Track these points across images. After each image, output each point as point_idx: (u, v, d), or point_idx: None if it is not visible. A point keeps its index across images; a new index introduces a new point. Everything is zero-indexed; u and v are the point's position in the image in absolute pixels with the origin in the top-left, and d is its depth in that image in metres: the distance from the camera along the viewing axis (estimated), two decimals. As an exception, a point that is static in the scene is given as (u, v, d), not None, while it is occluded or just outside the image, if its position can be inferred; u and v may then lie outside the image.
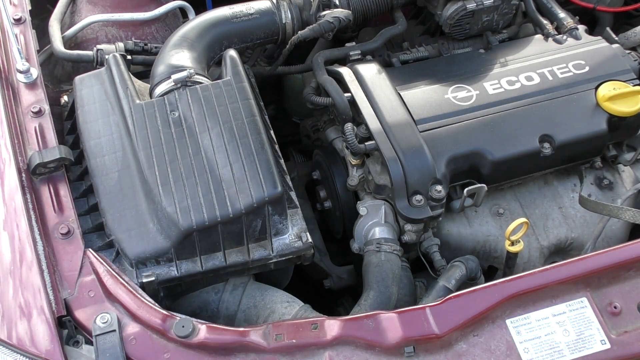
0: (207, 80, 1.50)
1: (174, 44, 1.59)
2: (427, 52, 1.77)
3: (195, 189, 1.31)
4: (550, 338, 1.13)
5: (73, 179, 1.45)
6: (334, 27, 1.70)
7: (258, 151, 1.36)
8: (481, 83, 1.60)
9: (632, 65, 1.63)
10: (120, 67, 1.51)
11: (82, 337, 1.16)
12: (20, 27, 1.66)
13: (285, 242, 1.38)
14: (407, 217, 1.43)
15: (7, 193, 1.32)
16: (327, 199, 1.76)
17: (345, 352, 1.11)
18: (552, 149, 1.50)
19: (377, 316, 1.13)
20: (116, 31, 1.84)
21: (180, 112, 1.41)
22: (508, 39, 1.80)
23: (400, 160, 1.43)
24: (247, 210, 1.30)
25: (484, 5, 1.71)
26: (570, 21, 1.78)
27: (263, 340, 1.12)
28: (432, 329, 1.11)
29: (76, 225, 1.30)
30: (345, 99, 1.58)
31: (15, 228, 1.26)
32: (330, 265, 1.80)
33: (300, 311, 1.37)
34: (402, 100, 1.55)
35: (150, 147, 1.37)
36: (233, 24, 1.70)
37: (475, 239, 1.56)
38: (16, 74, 1.53)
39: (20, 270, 1.20)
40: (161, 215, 1.30)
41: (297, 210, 1.42)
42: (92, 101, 1.49)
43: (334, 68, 1.67)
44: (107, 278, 1.20)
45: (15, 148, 1.38)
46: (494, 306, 1.14)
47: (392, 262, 1.41)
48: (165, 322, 1.14)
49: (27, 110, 1.47)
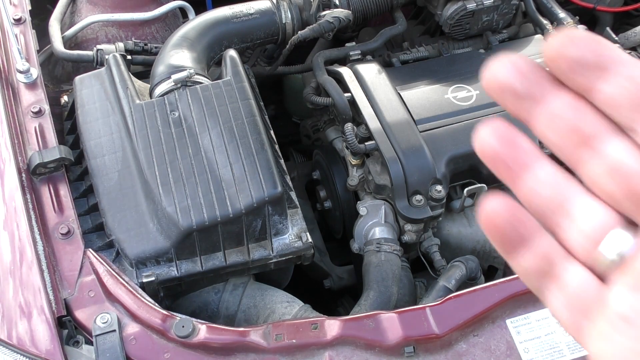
0: (207, 80, 1.50)
1: (174, 44, 1.59)
2: (427, 52, 1.77)
3: (195, 189, 1.31)
4: (550, 338, 1.13)
5: (73, 179, 1.45)
6: (334, 27, 1.70)
7: (258, 151, 1.36)
8: (481, 83, 1.60)
9: (632, 65, 1.63)
10: (120, 67, 1.51)
11: (82, 337, 1.16)
12: (20, 27, 1.66)
13: (285, 242, 1.38)
14: (407, 217, 1.43)
15: (7, 193, 1.32)
16: (327, 199, 1.76)
17: (345, 352, 1.11)
18: (552, 149, 1.50)
19: (377, 316, 1.13)
20: (116, 31, 1.84)
21: (180, 112, 1.41)
22: (508, 39, 1.80)
23: (400, 160, 1.43)
24: (247, 210, 1.30)
25: (484, 5, 1.71)
26: (570, 21, 1.78)
27: (263, 340, 1.12)
28: (432, 329, 1.11)
29: (76, 225, 1.30)
30: (345, 99, 1.58)
31: (15, 228, 1.26)
32: (330, 265, 1.80)
33: (300, 311, 1.37)
34: (402, 100, 1.55)
35: (150, 147, 1.37)
36: (233, 24, 1.70)
37: (475, 239, 1.56)
38: (16, 74, 1.53)
39: (20, 270, 1.20)
40: (161, 215, 1.30)
41: (297, 210, 1.42)
42: (92, 101, 1.49)
43: (334, 68, 1.67)
44: (107, 278, 1.20)
45: (15, 148, 1.38)
46: (494, 306, 1.14)
47: (392, 262, 1.41)
48: (165, 322, 1.14)
49: (27, 110, 1.47)
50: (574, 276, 0.36)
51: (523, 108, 0.36)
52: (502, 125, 0.36)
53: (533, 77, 0.35)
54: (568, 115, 0.35)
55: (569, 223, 0.36)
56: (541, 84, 0.35)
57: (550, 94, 0.35)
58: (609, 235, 0.34)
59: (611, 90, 0.33)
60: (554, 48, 0.34)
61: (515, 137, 0.36)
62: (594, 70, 0.33)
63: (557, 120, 0.35)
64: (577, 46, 0.34)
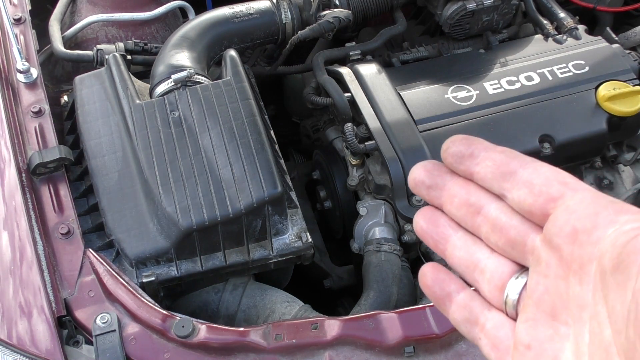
0: (207, 80, 1.50)
1: (174, 44, 1.59)
2: (427, 52, 1.77)
3: (195, 189, 1.31)
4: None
5: (73, 179, 1.45)
6: (334, 27, 1.70)
7: (258, 151, 1.36)
8: (481, 83, 1.60)
9: (632, 65, 1.63)
10: (120, 67, 1.51)
11: (82, 337, 1.16)
12: (20, 27, 1.66)
13: (285, 242, 1.38)
14: (407, 217, 1.43)
15: (7, 193, 1.32)
16: (327, 199, 1.76)
17: (345, 352, 1.11)
18: (552, 149, 1.50)
19: (377, 316, 1.13)
20: (116, 31, 1.84)
21: (180, 112, 1.41)
22: (508, 39, 1.80)
23: (400, 160, 1.43)
24: (247, 210, 1.30)
25: (484, 5, 1.71)
26: (570, 21, 1.78)
27: (263, 340, 1.12)
28: (432, 329, 1.11)
29: (76, 225, 1.30)
30: (345, 99, 1.58)
31: (15, 228, 1.26)
32: (330, 265, 1.80)
33: (300, 311, 1.37)
34: (402, 100, 1.55)
35: (150, 147, 1.37)
36: (233, 24, 1.70)
37: (475, 239, 1.56)
38: (16, 74, 1.53)
39: (21, 270, 1.20)
40: (161, 215, 1.30)
41: (297, 210, 1.42)
42: (92, 101, 1.49)
43: (334, 68, 1.67)
44: (107, 278, 1.20)
45: (15, 148, 1.38)
46: (494, 306, 1.14)
47: (392, 262, 1.41)
48: (165, 322, 1.14)
49: (27, 110, 1.47)
50: (491, 321, 0.44)
51: (433, 196, 0.47)
52: (428, 210, 0.48)
53: (436, 172, 0.47)
54: (461, 194, 0.46)
55: (481, 276, 0.45)
56: (442, 176, 0.47)
57: (448, 182, 0.47)
58: (510, 281, 0.44)
59: (481, 170, 0.44)
60: (450, 152, 0.46)
61: (437, 217, 0.48)
62: (469, 158, 0.45)
63: (454, 199, 0.46)
64: (455, 144, 0.46)
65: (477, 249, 0.46)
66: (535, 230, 0.42)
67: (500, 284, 0.44)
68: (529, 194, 0.42)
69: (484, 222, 0.45)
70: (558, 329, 0.40)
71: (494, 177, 0.44)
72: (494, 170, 0.44)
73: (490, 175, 0.44)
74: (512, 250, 0.43)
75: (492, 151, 0.44)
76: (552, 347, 0.40)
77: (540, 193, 0.41)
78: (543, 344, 0.41)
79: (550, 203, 0.41)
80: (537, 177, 0.42)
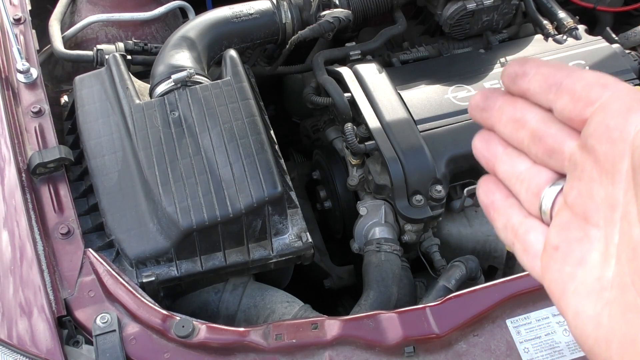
0: (207, 80, 1.50)
1: (174, 44, 1.59)
2: (427, 52, 1.77)
3: (195, 189, 1.31)
4: (550, 338, 1.13)
5: (73, 179, 1.45)
6: (334, 27, 1.70)
7: (258, 151, 1.36)
8: (481, 83, 1.60)
9: (632, 65, 1.63)
10: (120, 67, 1.51)
11: (82, 337, 1.16)
12: (20, 27, 1.66)
13: (285, 242, 1.38)
14: (407, 217, 1.43)
15: (7, 193, 1.32)
16: (327, 199, 1.76)
17: (345, 352, 1.11)
18: (552, 148, 1.50)
19: (377, 316, 1.13)
20: (116, 31, 1.84)
21: (180, 112, 1.41)
22: (508, 39, 1.80)
23: (400, 160, 1.43)
24: (247, 210, 1.30)
25: (484, 5, 1.71)
26: (570, 21, 1.78)
27: (263, 340, 1.12)
28: (432, 329, 1.11)
29: (76, 225, 1.30)
30: (345, 99, 1.58)
31: (15, 228, 1.26)
32: (330, 265, 1.80)
33: (300, 311, 1.37)
34: (402, 100, 1.55)
35: (150, 147, 1.37)
36: (233, 24, 1.70)
37: (475, 239, 1.56)
38: (16, 74, 1.53)
39: (20, 270, 1.20)
40: (161, 215, 1.30)
41: (297, 210, 1.42)
42: (92, 101, 1.49)
43: (334, 68, 1.67)
44: (107, 278, 1.20)
45: (15, 148, 1.38)
46: (494, 306, 1.14)
47: (392, 262, 1.41)
48: (165, 322, 1.14)
49: (27, 110, 1.47)
50: (525, 226, 0.46)
51: (486, 117, 0.49)
52: (483, 132, 0.50)
53: (492, 96, 0.48)
54: (508, 111, 0.47)
55: (520, 185, 0.47)
56: (496, 98, 0.48)
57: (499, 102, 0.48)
58: (545, 189, 0.45)
59: (531, 87, 0.45)
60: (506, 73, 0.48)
61: (489, 137, 0.49)
62: (522, 77, 0.46)
63: (502, 116, 0.47)
64: (511, 65, 0.47)
65: (519, 161, 0.47)
66: (574, 137, 0.42)
67: (537, 191, 0.45)
68: (570, 100, 0.42)
69: (525, 134, 0.45)
70: (589, 231, 0.41)
71: (542, 91, 0.44)
72: (541, 84, 0.44)
73: (539, 90, 0.44)
74: (550, 159, 0.44)
75: (543, 66, 0.45)
76: (580, 248, 0.41)
77: (580, 98, 0.41)
78: (571, 245, 0.41)
79: (589, 107, 0.41)
80: (579, 83, 0.42)
